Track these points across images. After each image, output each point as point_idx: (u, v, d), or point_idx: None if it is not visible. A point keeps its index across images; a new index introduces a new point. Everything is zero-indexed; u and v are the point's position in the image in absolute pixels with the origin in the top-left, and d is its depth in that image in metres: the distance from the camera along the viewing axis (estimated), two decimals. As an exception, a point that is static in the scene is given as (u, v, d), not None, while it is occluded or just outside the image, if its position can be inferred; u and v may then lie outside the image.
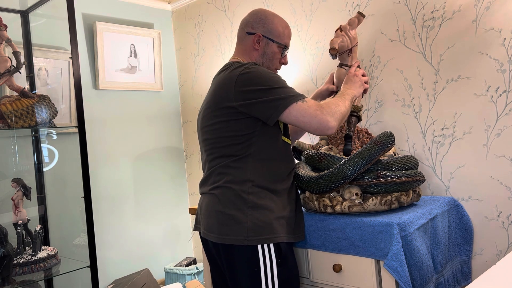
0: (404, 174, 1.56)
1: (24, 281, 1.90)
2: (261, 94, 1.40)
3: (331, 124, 1.38)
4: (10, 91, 2.11)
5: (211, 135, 1.50)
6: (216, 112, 1.47)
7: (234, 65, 1.49)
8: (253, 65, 1.48)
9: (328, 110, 1.40)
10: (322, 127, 1.38)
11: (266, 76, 1.43)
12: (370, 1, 2.11)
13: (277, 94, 1.39)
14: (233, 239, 1.39)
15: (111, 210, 2.77)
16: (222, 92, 1.46)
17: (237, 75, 1.43)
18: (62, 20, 2.09)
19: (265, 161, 1.45)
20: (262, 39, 1.59)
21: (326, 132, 1.40)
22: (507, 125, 1.74)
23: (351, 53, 1.73)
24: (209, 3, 2.93)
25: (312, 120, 1.38)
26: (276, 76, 1.46)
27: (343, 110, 1.45)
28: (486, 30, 1.77)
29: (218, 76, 1.55)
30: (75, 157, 2.14)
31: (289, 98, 1.39)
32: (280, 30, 1.61)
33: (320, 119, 1.38)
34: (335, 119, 1.40)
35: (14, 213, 1.99)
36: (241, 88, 1.41)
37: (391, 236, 1.39)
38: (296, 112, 1.39)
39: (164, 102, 3.13)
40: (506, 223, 1.76)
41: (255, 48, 1.59)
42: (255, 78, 1.42)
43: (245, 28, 1.62)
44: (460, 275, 1.79)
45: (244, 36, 1.62)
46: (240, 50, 1.64)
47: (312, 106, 1.40)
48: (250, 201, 1.41)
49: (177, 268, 2.83)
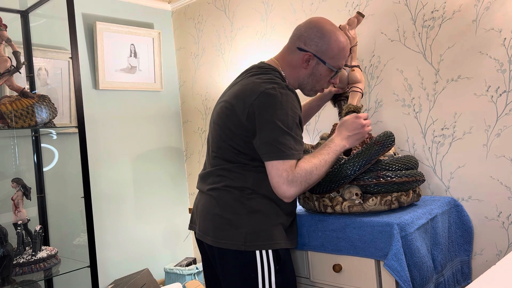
0: (404, 174, 1.56)
1: (24, 281, 1.90)
2: (267, 128, 1.32)
3: (288, 194, 1.31)
4: (10, 91, 2.12)
5: (219, 136, 1.45)
6: (229, 117, 1.41)
7: (267, 77, 1.40)
8: (284, 89, 1.35)
9: (294, 181, 1.30)
10: (278, 191, 1.32)
11: (284, 111, 1.32)
12: (370, 1, 2.11)
13: (278, 139, 1.31)
14: (230, 243, 1.37)
15: (111, 210, 2.77)
16: (240, 100, 1.38)
17: (261, 91, 1.34)
18: (62, 20, 2.09)
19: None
20: (313, 58, 1.46)
21: (281, 198, 1.34)
22: (507, 125, 1.74)
23: (351, 52, 1.74)
24: (209, 3, 2.93)
25: (273, 178, 1.31)
26: (294, 114, 1.34)
27: (313, 179, 1.34)
28: (486, 30, 1.77)
29: (248, 78, 1.44)
30: (75, 157, 2.15)
31: (281, 153, 1.30)
32: (335, 51, 1.46)
33: (280, 184, 1.30)
34: (296, 190, 1.31)
35: (14, 213, 1.99)
36: (256, 109, 1.33)
37: (391, 236, 1.39)
38: (273, 165, 1.31)
39: (164, 102, 3.13)
40: (506, 223, 1.76)
41: (303, 67, 1.47)
42: (275, 106, 1.32)
43: (296, 41, 1.48)
44: (460, 275, 1.79)
45: (294, 49, 1.48)
46: (286, 59, 1.50)
47: (286, 164, 1.30)
48: (248, 206, 1.39)
49: (177, 268, 2.83)
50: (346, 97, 1.80)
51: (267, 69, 1.46)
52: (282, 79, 1.46)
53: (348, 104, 1.67)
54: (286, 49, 1.51)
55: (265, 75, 1.42)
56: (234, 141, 1.40)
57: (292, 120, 1.33)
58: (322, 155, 1.39)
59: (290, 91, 1.37)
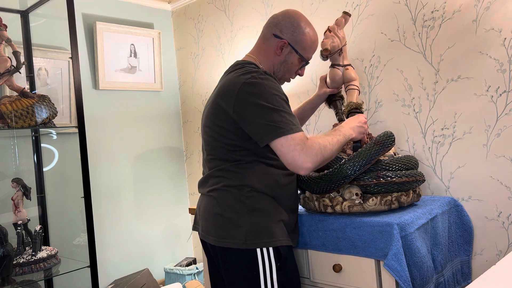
0: (404, 174, 1.56)
1: (24, 281, 1.90)
2: (258, 113, 1.33)
3: (306, 165, 1.30)
4: (10, 91, 2.11)
5: (210, 137, 1.48)
6: (216, 115, 1.44)
7: (244, 69, 1.43)
8: (262, 75, 1.39)
9: (310, 150, 1.31)
10: (295, 164, 1.31)
11: (270, 92, 1.35)
12: (370, 1, 2.11)
13: (272, 118, 1.32)
14: (232, 242, 1.38)
15: (111, 210, 2.77)
16: (224, 97, 1.41)
17: (241, 83, 1.37)
18: (62, 20, 2.09)
19: (263, 168, 1.43)
20: (287, 46, 1.52)
21: (298, 171, 1.32)
22: (507, 125, 1.74)
23: (342, 52, 1.74)
24: (209, 3, 2.93)
25: (288, 154, 1.30)
26: (279, 93, 1.38)
27: (327, 153, 1.35)
28: (486, 30, 1.77)
29: (227, 76, 1.49)
30: (75, 157, 2.15)
31: (280, 129, 1.31)
32: (308, 43, 1.54)
33: (296, 155, 1.29)
34: (313, 161, 1.31)
35: (14, 213, 1.99)
36: (241, 100, 1.36)
37: (391, 236, 1.39)
38: (279, 142, 1.31)
39: (164, 102, 3.13)
40: (506, 223, 1.76)
41: (277, 53, 1.53)
42: (258, 92, 1.35)
43: (273, 28, 1.53)
44: (460, 275, 1.79)
45: (270, 36, 1.53)
46: (260, 48, 1.56)
47: (296, 138, 1.31)
48: (248, 205, 1.40)
49: (177, 268, 2.83)
50: (340, 97, 1.80)
51: (242, 64, 1.50)
52: (258, 68, 1.49)
53: (349, 102, 1.68)
54: (262, 37, 1.57)
55: (241, 69, 1.45)
56: (227, 137, 1.42)
57: (280, 99, 1.36)
58: (334, 135, 1.43)
59: (269, 75, 1.41)
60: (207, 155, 1.53)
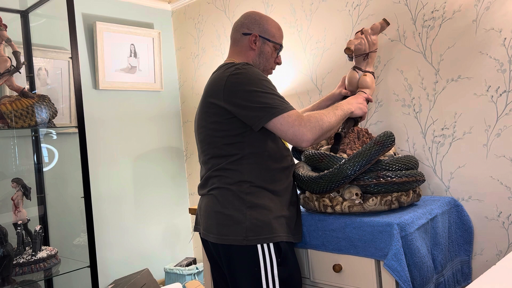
0: (404, 174, 1.56)
1: (24, 281, 1.90)
2: (249, 98, 1.39)
3: (306, 137, 1.37)
4: (10, 91, 2.11)
5: (205, 136, 1.51)
6: (208, 112, 1.48)
7: (227, 66, 1.50)
8: (245, 65, 1.47)
9: (307, 123, 1.38)
10: (296, 138, 1.38)
11: (256, 78, 1.43)
12: (370, 1, 2.11)
13: (264, 101, 1.39)
14: (232, 239, 1.40)
15: (111, 210, 2.77)
16: (212, 92, 1.47)
17: (227, 76, 1.44)
18: (62, 20, 2.09)
19: (260, 161, 1.45)
20: (258, 39, 1.61)
21: (301, 144, 1.39)
22: (507, 125, 1.74)
23: (368, 58, 1.73)
24: (209, 3, 2.93)
25: (288, 130, 1.37)
26: (265, 79, 1.45)
27: (325, 124, 1.42)
28: (486, 30, 1.77)
29: (211, 76, 1.56)
30: (75, 157, 2.14)
31: (275, 109, 1.38)
32: (274, 30, 1.64)
33: (296, 130, 1.37)
34: (312, 132, 1.38)
35: (14, 213, 1.99)
36: (230, 89, 1.42)
37: (391, 236, 1.39)
38: (277, 122, 1.38)
39: (164, 102, 3.13)
40: (506, 223, 1.76)
41: (252, 48, 1.61)
42: (245, 79, 1.42)
43: (240, 29, 1.63)
44: (460, 275, 1.79)
45: (240, 37, 1.63)
46: (235, 51, 1.64)
47: (292, 116, 1.38)
48: (248, 201, 1.42)
49: (177, 268, 2.83)
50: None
51: (223, 64, 1.56)
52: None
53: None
54: (232, 42, 1.66)
55: (223, 67, 1.52)
56: (221, 129, 1.45)
57: (267, 84, 1.43)
58: (331, 109, 1.51)
59: (251, 66, 1.50)
60: (204, 156, 1.54)
